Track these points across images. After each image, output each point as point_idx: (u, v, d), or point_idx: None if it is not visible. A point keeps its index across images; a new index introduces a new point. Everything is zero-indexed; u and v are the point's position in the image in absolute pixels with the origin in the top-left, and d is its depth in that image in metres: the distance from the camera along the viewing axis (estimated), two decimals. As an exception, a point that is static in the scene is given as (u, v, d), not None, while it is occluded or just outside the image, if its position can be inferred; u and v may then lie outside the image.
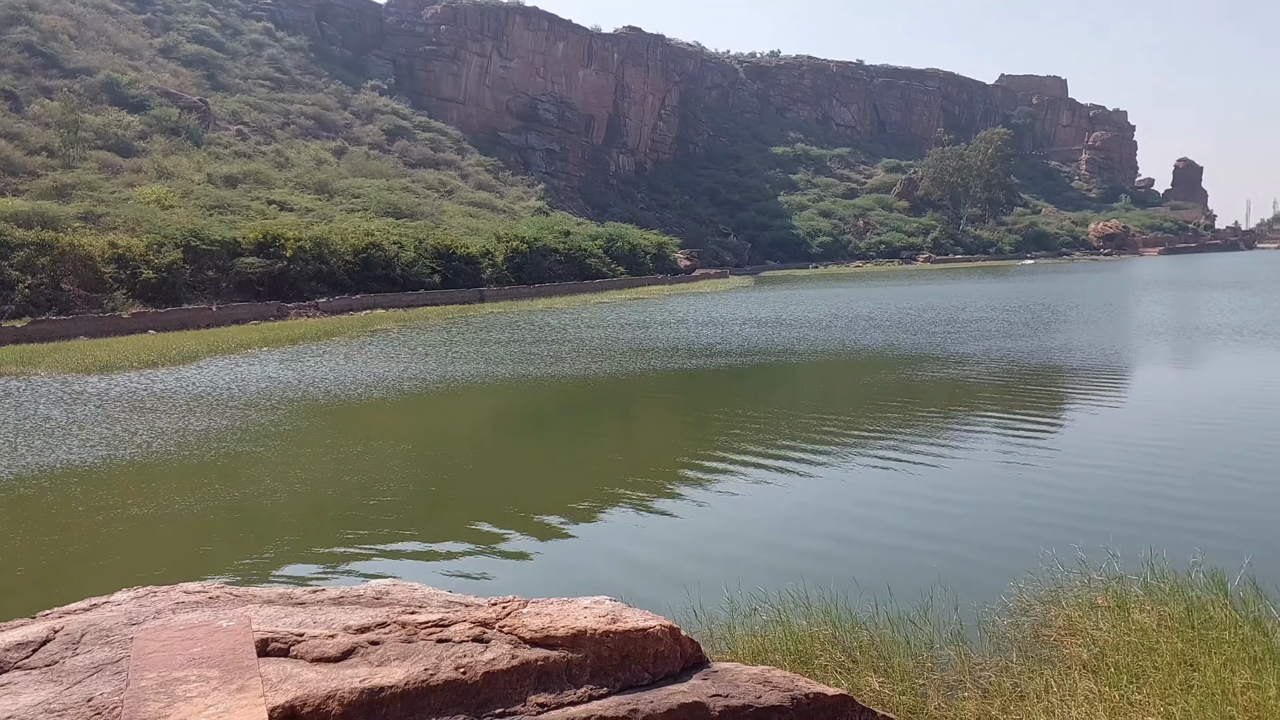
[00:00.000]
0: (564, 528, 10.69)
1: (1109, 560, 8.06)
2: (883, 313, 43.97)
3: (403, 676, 3.16)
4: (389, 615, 3.58)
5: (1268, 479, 11.60)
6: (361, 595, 3.94)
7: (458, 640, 3.39)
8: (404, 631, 3.46)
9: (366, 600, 3.89)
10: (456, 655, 3.29)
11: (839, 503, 11.35)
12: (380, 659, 3.28)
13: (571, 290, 71.13)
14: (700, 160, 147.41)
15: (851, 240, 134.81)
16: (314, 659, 3.24)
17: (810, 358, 27.71)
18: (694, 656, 3.44)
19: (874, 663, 6.25)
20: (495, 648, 3.36)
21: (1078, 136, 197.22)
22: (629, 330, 38.69)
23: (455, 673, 3.20)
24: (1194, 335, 30.47)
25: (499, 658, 3.27)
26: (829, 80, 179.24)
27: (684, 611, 7.25)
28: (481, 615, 3.60)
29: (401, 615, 3.60)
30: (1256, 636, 6.19)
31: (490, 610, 3.64)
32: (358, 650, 3.32)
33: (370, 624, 3.49)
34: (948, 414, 17.64)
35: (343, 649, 3.30)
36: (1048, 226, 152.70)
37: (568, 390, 22.41)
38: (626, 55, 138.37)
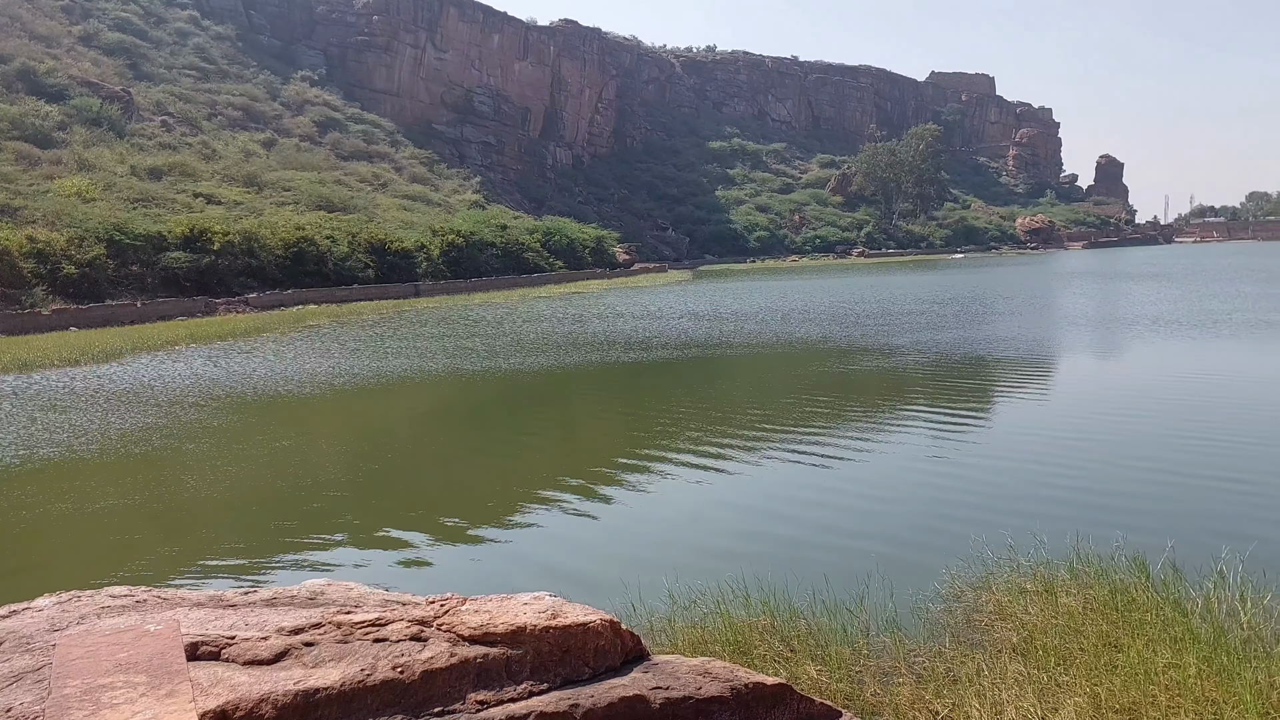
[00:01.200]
0: (503, 524, 10.62)
1: (1036, 547, 8.28)
2: (818, 306, 44.53)
3: (339, 678, 3.10)
4: (324, 616, 3.51)
5: (1185, 466, 12.02)
6: (295, 596, 3.86)
7: (395, 639, 3.34)
8: (339, 632, 3.40)
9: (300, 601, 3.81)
10: (394, 655, 3.24)
11: (778, 494, 11.46)
12: (315, 660, 3.22)
13: (509, 284, 70.65)
14: (638, 154, 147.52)
15: (788, 235, 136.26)
16: (246, 662, 3.16)
17: (747, 350, 27.93)
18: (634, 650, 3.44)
19: (812, 651, 6.33)
20: (433, 646, 3.33)
21: (1005, 133, 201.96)
22: (566, 324, 38.58)
23: (393, 672, 3.16)
24: (1115, 327, 31.45)
25: (437, 656, 3.24)
26: (765, 76, 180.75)
27: (624, 605, 7.25)
28: (419, 614, 3.56)
29: (337, 615, 3.53)
30: (1177, 618, 6.41)
31: (428, 608, 3.60)
32: (291, 652, 3.26)
33: (304, 625, 3.42)
34: (881, 406, 17.94)
35: (276, 651, 3.23)
36: (977, 221, 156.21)
37: (504, 385, 22.27)
38: (563, 48, 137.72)
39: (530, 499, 11.62)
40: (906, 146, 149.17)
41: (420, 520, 10.83)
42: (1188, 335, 27.49)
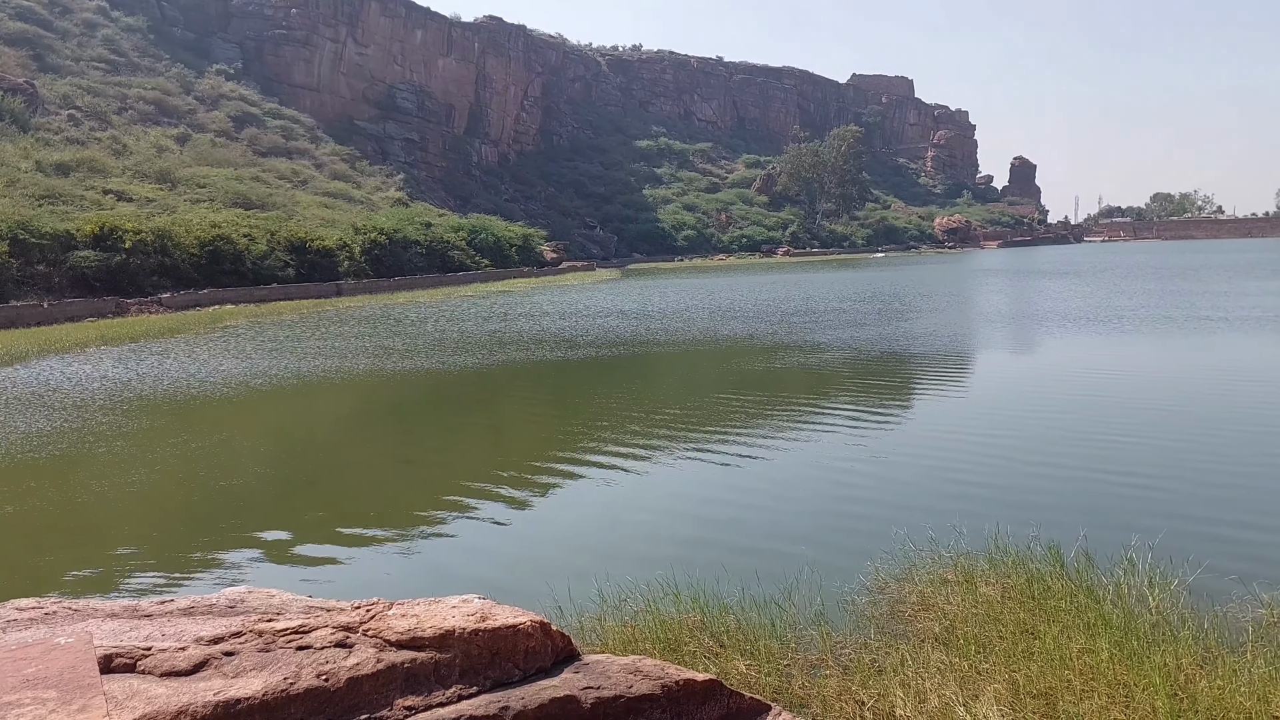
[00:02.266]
0: (430, 526, 10.48)
1: (957, 538, 8.50)
2: (745, 304, 45.01)
3: (261, 687, 3.02)
4: (245, 624, 3.42)
5: (1097, 458, 12.47)
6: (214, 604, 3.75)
7: (319, 646, 3.27)
8: (261, 640, 3.31)
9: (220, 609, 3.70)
10: (318, 662, 3.18)
11: (707, 491, 11.55)
12: (236, 670, 3.13)
13: (434, 283, 69.78)
14: (564, 152, 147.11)
15: (715, 234, 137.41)
16: (163, 673, 3.06)
17: (675, 348, 28.08)
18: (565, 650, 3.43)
19: (741, 646, 6.39)
20: (360, 652, 3.27)
21: (924, 135, 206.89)
22: (491, 323, 38.29)
23: (317, 680, 3.09)
24: (1028, 323, 32.47)
25: (364, 662, 3.18)
26: (690, 75, 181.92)
27: (554, 605, 7.23)
28: (345, 619, 3.49)
29: (258, 623, 3.44)
30: (1090, 604, 6.65)
31: (354, 614, 3.53)
32: (211, 662, 3.16)
33: (224, 634, 3.33)
34: (806, 402, 18.21)
35: (195, 661, 3.13)
36: (897, 221, 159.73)
37: (429, 385, 21.99)
38: (488, 45, 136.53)
39: (457, 500, 11.49)
40: (829, 147, 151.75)
41: (344, 524, 10.62)
42: (1096, 331, 28.52)
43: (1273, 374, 19.37)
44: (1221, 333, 26.97)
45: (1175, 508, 9.94)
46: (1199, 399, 16.58)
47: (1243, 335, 26.20)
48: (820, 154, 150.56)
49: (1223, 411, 15.29)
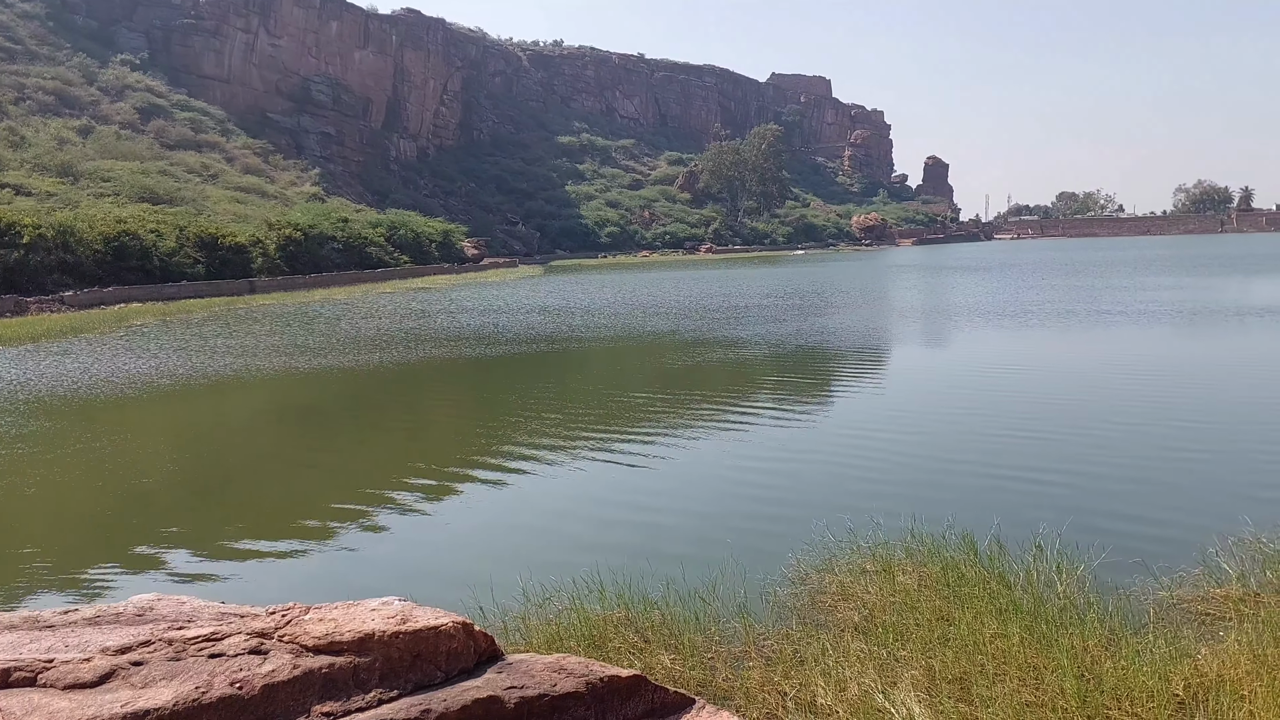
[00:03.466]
0: (349, 528, 10.28)
1: (875, 529, 8.68)
2: (668, 300, 45.23)
3: (171, 697, 2.92)
4: (153, 632, 3.30)
5: (1009, 447, 12.87)
6: (121, 613, 3.61)
7: (233, 654, 3.18)
8: (171, 649, 3.20)
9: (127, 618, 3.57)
10: (232, 670, 3.08)
11: (631, 486, 11.57)
12: (145, 680, 3.02)
13: (352, 280, 68.42)
14: (485, 147, 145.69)
15: (638, 230, 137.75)
16: (67, 686, 2.94)
17: (598, 344, 28.07)
18: (488, 650, 3.40)
19: (666, 641, 6.42)
20: (275, 658, 3.18)
21: (841, 134, 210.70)
22: (410, 320, 37.75)
23: (231, 688, 3.00)
24: (940, 318, 33.37)
25: (279, 669, 3.10)
26: (612, 72, 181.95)
27: (478, 606, 7.16)
28: (259, 625, 3.39)
29: (168, 632, 3.33)
30: (1001, 590, 6.86)
31: (269, 619, 3.44)
32: (118, 673, 3.05)
33: (132, 643, 3.20)
34: (727, 396, 18.38)
35: (100, 673, 3.01)
36: (816, 219, 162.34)
37: (345, 382, 21.57)
38: (405, 38, 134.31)
39: (376, 501, 11.29)
40: (750, 146, 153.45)
41: (258, 527, 10.35)
42: (1005, 326, 29.44)
43: (1164, 367, 20.25)
44: (1120, 326, 28.10)
45: (1080, 496, 10.32)
46: (1098, 393, 17.24)
47: (1139, 329, 27.35)
48: (741, 152, 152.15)
49: (1121, 405, 15.93)
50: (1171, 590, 7.19)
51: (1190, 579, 7.38)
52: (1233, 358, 21.39)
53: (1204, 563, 7.60)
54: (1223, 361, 20.81)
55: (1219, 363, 20.66)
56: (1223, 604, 6.83)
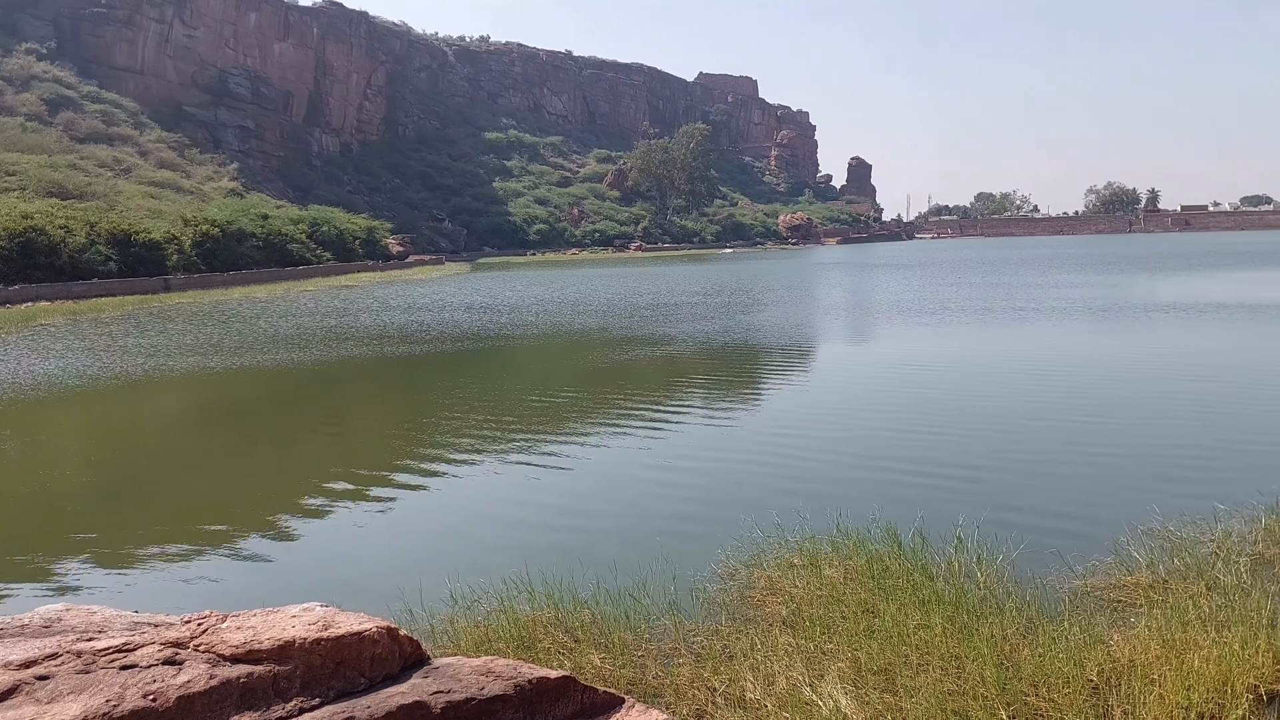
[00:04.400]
0: (269, 532, 10.02)
1: (802, 523, 8.78)
2: (597, 298, 45.18)
3: (79, 712, 2.80)
4: (61, 644, 3.16)
5: (930, 442, 13.16)
6: (26, 624, 3.44)
7: (146, 665, 3.06)
8: (80, 661, 3.07)
9: (33, 630, 3.41)
10: (145, 681, 2.97)
11: (560, 486, 11.52)
12: (51, 695, 2.89)
13: (272, 278, 66.79)
14: (411, 143, 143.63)
15: (568, 228, 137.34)
16: (-36, 705, 2.79)
17: (526, 342, 27.92)
18: (414, 655, 3.33)
19: (595, 640, 6.40)
20: (191, 668, 3.07)
21: (768, 134, 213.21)
22: (331, 318, 37.03)
23: (144, 700, 2.89)
24: (864, 314, 34.01)
25: (195, 679, 2.99)
26: (539, 69, 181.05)
27: (405, 609, 7.04)
28: (174, 635, 3.27)
29: (76, 643, 3.19)
30: (924, 582, 7.01)
31: (184, 628, 3.32)
32: (22, 688, 2.91)
33: (37, 656, 3.06)
34: (656, 393, 18.44)
35: (3, 688, 2.87)
36: (744, 218, 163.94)
37: (263, 382, 21.06)
38: (327, 30, 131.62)
39: (298, 505, 11.03)
40: (678, 144, 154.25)
41: (174, 533, 10.02)
42: (924, 323, 30.12)
43: (1076, 363, 20.94)
44: (1034, 323, 28.99)
45: (998, 489, 10.60)
46: (1013, 389, 17.74)
47: (1052, 325, 28.24)
48: (670, 151, 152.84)
49: (1035, 401, 16.42)
50: (1086, 579, 7.43)
51: (1103, 568, 7.63)
52: (1140, 353, 22.22)
53: (1116, 552, 7.87)
54: (1131, 357, 21.61)
55: (1127, 358, 21.44)
56: (1133, 591, 7.08)
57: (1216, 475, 10.72)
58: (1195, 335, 24.87)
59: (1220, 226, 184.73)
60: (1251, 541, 8.10)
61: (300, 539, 9.84)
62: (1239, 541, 8.10)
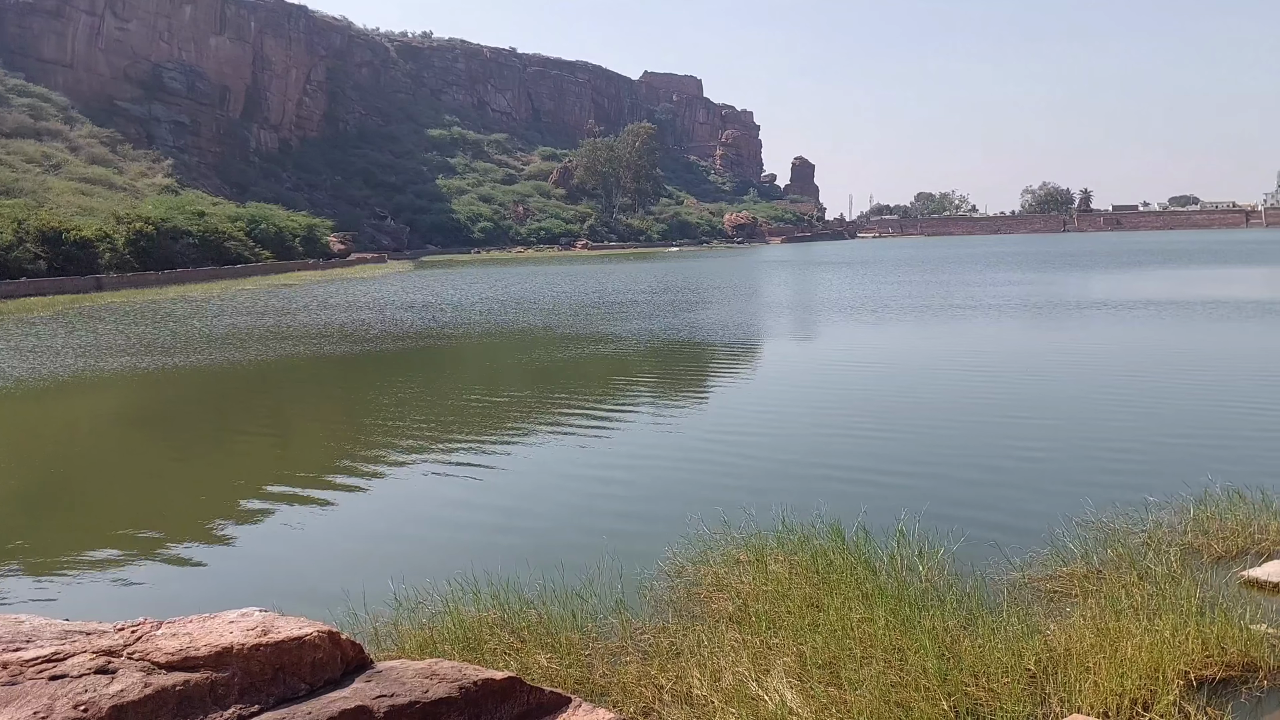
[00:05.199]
0: (207, 536, 9.80)
1: (748, 520, 8.84)
2: (543, 296, 45.00)
3: (5, 726, 2.70)
4: (-15, 656, 3.05)
5: (873, 437, 13.35)
6: (-53, 637, 3.32)
7: (77, 674, 2.96)
8: (7, 672, 2.96)
9: (-45, 642, 3.29)
10: (75, 691, 2.88)
11: (506, 485, 11.44)
12: (-25, 709, 2.79)
13: (209, 277, 65.36)
14: (352, 140, 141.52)
15: (513, 226, 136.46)
16: (-118, 721, 2.68)
17: (470, 341, 27.70)
18: (357, 659, 3.28)
19: (542, 640, 6.37)
20: (124, 677, 2.99)
21: (712, 134, 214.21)
22: (270, 317, 36.38)
23: (75, 711, 2.80)
24: (808, 312, 34.38)
25: (129, 688, 2.91)
26: (483, 65, 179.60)
27: (347, 613, 6.94)
28: (106, 643, 3.18)
29: (3, 654, 3.08)
30: (867, 576, 7.10)
31: (117, 636, 3.22)
32: (-57, 703, 2.80)
33: (-41, 670, 2.95)
34: (603, 391, 18.43)
35: (-78, 704, 2.76)
36: (690, 216, 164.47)
37: (198, 383, 20.61)
38: (265, 24, 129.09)
39: (234, 508, 10.80)
40: (624, 143, 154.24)
41: (106, 538, 9.74)
42: (867, 321, 30.54)
43: (1013, 360, 21.42)
44: (972, 320, 29.56)
45: (939, 484, 10.78)
46: (951, 385, 18.07)
47: (989, 322, 28.84)
48: (615, 149, 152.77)
49: (972, 397, 16.75)
50: (1024, 570, 7.59)
51: (1040, 559, 7.80)
52: (1074, 350, 22.78)
53: (1052, 543, 8.06)
54: (1065, 354, 22.14)
55: (1061, 355, 21.96)
56: (1069, 581, 7.25)
57: (1147, 468, 11.04)
58: (1126, 332, 25.57)
59: (1149, 226, 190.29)
60: (1181, 532, 8.35)
61: (238, 543, 9.64)
62: (1169, 532, 8.35)
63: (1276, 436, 12.50)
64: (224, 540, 9.71)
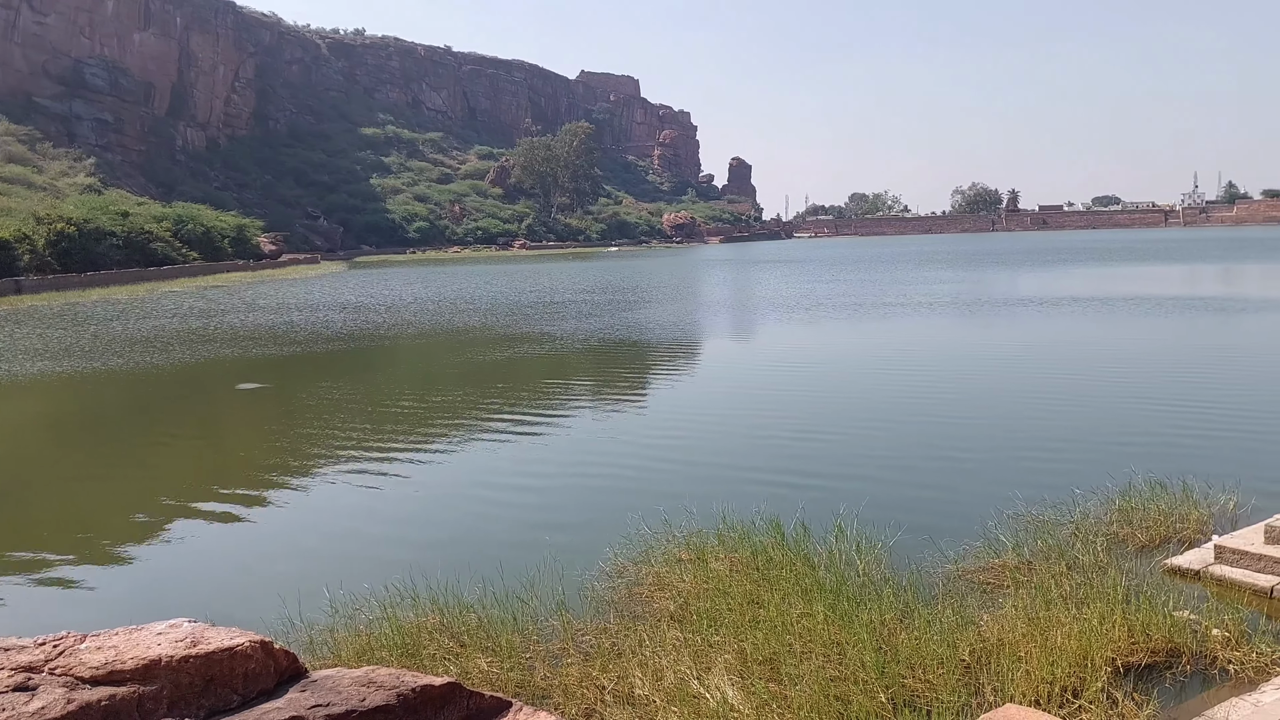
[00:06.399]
0: (135, 547, 9.51)
1: (689, 519, 8.87)
2: (481, 296, 44.63)
3: (-85, 749, 2.59)
4: (-106, 676, 2.91)
5: (811, 434, 13.50)
6: None
7: (-6, 693, 2.85)
8: (-84, 694, 2.83)
9: None
10: (-8, 711, 2.76)
11: (444, 489, 11.31)
12: (-118, 732, 2.66)
13: (135, 278, 63.45)
14: (283, 138, 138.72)
15: (449, 225, 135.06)
16: None
17: (403, 342, 27.37)
18: (291, 669, 3.21)
19: (483, 644, 6.31)
20: (46, 694, 2.88)
21: (650, 134, 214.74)
22: (197, 319, 35.49)
23: (-8, 732, 2.69)
24: (745, 310, 34.68)
25: (50, 705, 2.80)
26: (418, 63, 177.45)
27: (282, 621, 6.80)
28: (27, 658, 3.06)
29: (-87, 674, 2.95)
30: (806, 571, 7.17)
31: (38, 651, 3.11)
32: None
33: None
34: (540, 393, 18.35)
35: None
36: (629, 216, 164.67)
37: (120, 388, 20.02)
38: (191, 20, 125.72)
39: (164, 516, 10.50)
40: (561, 142, 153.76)
41: (25, 550, 9.38)
42: (802, 320, 30.92)
43: (944, 356, 21.88)
44: (903, 318, 30.12)
45: (875, 479, 10.96)
46: (884, 382, 18.39)
47: (921, 320, 29.42)
48: (553, 148, 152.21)
49: (905, 393, 17.06)
50: (957, 563, 7.75)
51: (973, 552, 7.97)
52: (1002, 346, 23.35)
53: (985, 536, 8.24)
54: (993, 350, 22.68)
55: (990, 352, 22.50)
56: (1001, 573, 7.42)
57: (1074, 461, 11.35)
58: (1051, 329, 26.28)
59: (1074, 225, 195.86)
60: (1107, 522, 8.60)
61: (167, 553, 9.37)
62: (1095, 523, 8.60)
63: (1196, 429, 12.96)
64: (151, 550, 9.43)
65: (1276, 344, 22.42)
